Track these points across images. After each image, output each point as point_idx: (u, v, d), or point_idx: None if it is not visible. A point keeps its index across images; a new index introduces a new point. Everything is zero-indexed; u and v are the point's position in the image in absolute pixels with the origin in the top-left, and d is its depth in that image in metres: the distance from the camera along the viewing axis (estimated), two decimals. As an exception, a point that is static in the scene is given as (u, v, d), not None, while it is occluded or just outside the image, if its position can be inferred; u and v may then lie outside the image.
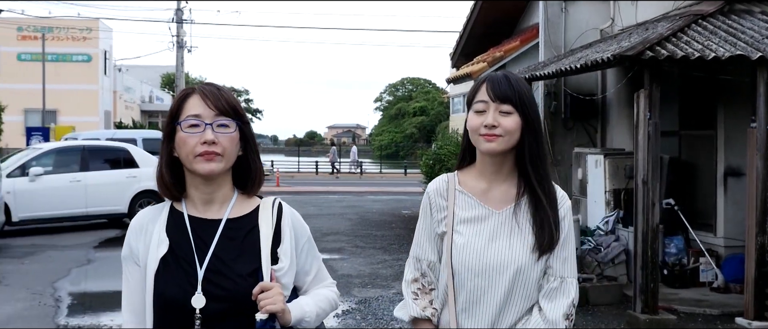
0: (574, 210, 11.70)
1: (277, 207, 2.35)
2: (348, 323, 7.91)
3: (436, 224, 2.60)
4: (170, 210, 2.32)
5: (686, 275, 9.56)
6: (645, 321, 7.63)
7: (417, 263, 2.66)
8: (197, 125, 2.21)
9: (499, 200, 2.53)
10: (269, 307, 2.14)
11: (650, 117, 7.77)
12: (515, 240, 2.48)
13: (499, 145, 2.44)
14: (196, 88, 2.30)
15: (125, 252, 2.33)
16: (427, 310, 2.58)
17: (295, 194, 26.64)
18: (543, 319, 2.47)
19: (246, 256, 2.25)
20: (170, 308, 2.19)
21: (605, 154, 10.65)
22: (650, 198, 7.78)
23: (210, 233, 2.26)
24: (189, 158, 2.22)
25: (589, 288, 8.92)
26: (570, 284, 2.52)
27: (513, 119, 2.43)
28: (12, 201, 14.43)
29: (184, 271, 2.21)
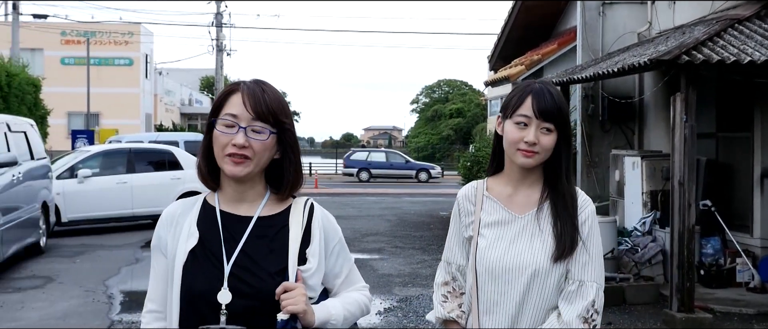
0: (612, 211, 11.85)
1: (309, 208, 2.34)
2: (390, 320, 8.15)
3: (464, 228, 2.68)
4: (203, 204, 2.34)
5: (723, 275, 9.67)
6: (681, 320, 7.78)
7: (447, 266, 2.74)
8: (232, 126, 2.22)
9: (523, 205, 2.59)
10: (290, 308, 2.14)
11: (686, 120, 7.93)
12: (535, 244, 2.53)
13: (535, 161, 2.52)
14: (241, 85, 2.28)
15: (154, 242, 2.36)
16: (453, 312, 2.67)
17: (334, 195, 26.96)
18: (559, 321, 2.51)
19: (274, 255, 2.25)
20: (196, 301, 2.20)
21: (642, 155, 10.79)
22: (686, 199, 7.93)
23: (240, 229, 2.26)
24: (219, 156, 2.24)
25: (626, 288, 9.08)
26: (589, 287, 2.53)
27: (553, 137, 2.50)
28: (62, 203, 14.87)
29: (212, 265, 2.22)
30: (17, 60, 24.82)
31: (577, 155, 12.89)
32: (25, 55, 28.50)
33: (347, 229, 16.40)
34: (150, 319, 2.33)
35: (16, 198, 11.24)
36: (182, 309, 2.21)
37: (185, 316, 2.21)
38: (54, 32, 41.59)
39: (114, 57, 45.64)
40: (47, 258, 12.27)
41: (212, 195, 2.33)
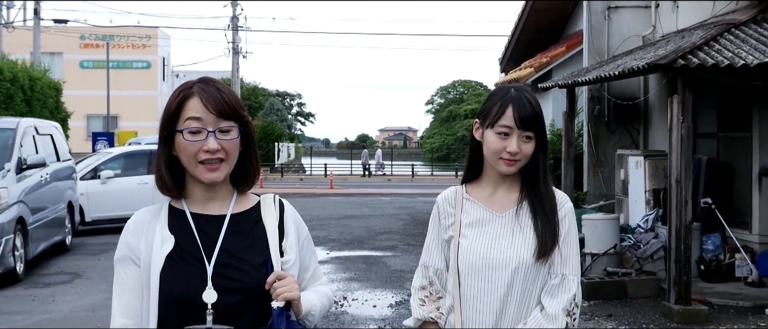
0: (617, 209, 12.23)
1: (279, 204, 2.37)
2: (401, 313, 8.57)
3: (443, 230, 2.72)
4: (170, 209, 2.30)
5: (722, 270, 10.03)
6: (678, 312, 8.16)
7: (425, 271, 2.75)
8: (199, 132, 2.18)
9: (502, 204, 2.65)
10: (286, 294, 2.15)
11: (683, 120, 8.31)
12: (517, 240, 2.59)
13: (516, 168, 2.61)
14: (195, 87, 2.22)
15: (121, 252, 2.28)
16: (432, 313, 2.70)
17: (349, 196, 27.40)
18: (543, 315, 2.56)
19: (255, 248, 2.25)
20: (180, 305, 2.16)
21: (645, 155, 11.17)
22: (683, 197, 8.31)
23: (215, 228, 2.25)
24: (191, 164, 2.21)
25: (627, 282, 9.47)
26: (571, 281, 2.59)
27: (531, 145, 2.59)
28: (85, 203, 15.39)
29: (193, 267, 2.19)
30: (39, 64, 25.38)
31: (583, 155, 13.29)
32: (45, 58, 29.12)
33: (361, 228, 16.86)
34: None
35: (44, 199, 11.75)
36: (161, 315, 2.18)
37: (166, 322, 2.18)
38: (73, 36, 42.27)
39: (132, 60, 46.38)
40: (73, 255, 12.78)
41: (177, 200, 2.30)
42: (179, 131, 2.18)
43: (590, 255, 10.11)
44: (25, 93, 21.63)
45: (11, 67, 21.28)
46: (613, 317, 8.38)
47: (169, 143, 2.22)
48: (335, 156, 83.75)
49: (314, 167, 48.63)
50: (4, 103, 20.06)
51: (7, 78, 20.27)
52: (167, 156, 2.24)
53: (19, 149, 11.06)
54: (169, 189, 2.26)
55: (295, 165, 54.43)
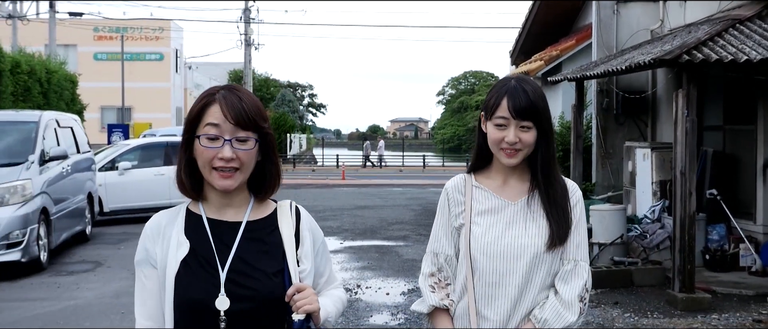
0: (625, 200, 12.46)
1: (295, 211, 2.38)
2: (413, 300, 8.84)
3: (453, 218, 2.74)
4: (187, 213, 2.33)
5: (727, 260, 10.27)
6: (682, 300, 8.41)
7: (434, 258, 2.77)
8: (216, 139, 2.21)
9: (514, 193, 2.69)
10: (307, 307, 2.18)
11: (688, 114, 8.55)
12: (531, 228, 2.62)
13: (519, 159, 2.62)
14: (217, 94, 2.25)
15: (140, 256, 2.32)
16: (444, 300, 2.71)
17: (361, 186, 27.68)
18: (559, 301, 2.59)
19: (269, 256, 2.27)
20: (193, 310, 2.19)
21: (652, 147, 11.40)
22: (687, 188, 8.56)
23: (230, 235, 2.27)
24: (206, 169, 2.24)
25: (633, 271, 9.73)
26: (583, 267, 2.64)
27: (531, 134, 2.59)
28: (104, 193, 15.74)
29: (207, 273, 2.21)
30: (55, 57, 25.72)
31: (592, 147, 13.51)
32: (59, 50, 29.49)
33: (374, 218, 17.14)
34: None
35: (65, 190, 12.08)
36: (177, 320, 2.22)
37: (181, 326, 2.22)
38: (87, 29, 42.62)
39: (145, 52, 46.72)
40: (93, 244, 13.12)
41: (195, 203, 2.34)
42: (197, 136, 2.23)
43: (597, 245, 10.37)
44: (42, 85, 21.97)
45: (28, 60, 21.64)
46: (619, 304, 8.64)
47: (189, 146, 2.26)
48: (346, 147, 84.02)
49: (326, 158, 48.95)
50: (22, 95, 20.41)
51: (24, 71, 20.63)
52: (187, 158, 2.27)
53: (41, 142, 11.39)
54: (188, 191, 2.30)
55: (307, 156, 54.77)
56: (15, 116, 12.51)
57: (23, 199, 10.36)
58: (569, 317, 2.57)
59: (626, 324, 7.80)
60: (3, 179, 10.37)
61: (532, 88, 2.61)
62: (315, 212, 18.43)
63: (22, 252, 10.12)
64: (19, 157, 10.99)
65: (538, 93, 2.62)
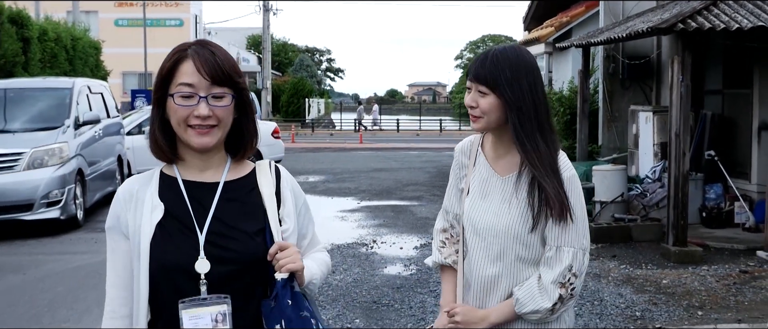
0: (630, 161, 13.04)
1: (275, 170, 2.30)
2: (426, 253, 9.50)
3: (459, 180, 2.82)
4: (161, 176, 2.23)
5: (722, 217, 10.85)
6: (675, 253, 9.02)
7: (446, 215, 2.87)
8: (190, 96, 2.11)
9: (505, 167, 2.69)
10: (290, 266, 2.11)
11: (682, 80, 9.09)
12: (510, 207, 2.63)
13: (480, 125, 2.64)
14: (189, 50, 2.15)
15: (110, 222, 2.22)
16: (449, 258, 2.81)
17: (378, 150, 28.33)
18: (538, 284, 2.61)
19: (249, 216, 2.19)
20: (171, 276, 2.11)
21: (654, 111, 11.95)
22: (681, 149, 9.13)
23: (208, 196, 2.18)
24: (181, 128, 2.14)
25: (632, 227, 10.34)
26: (565, 252, 2.59)
27: (488, 100, 2.58)
28: (131, 156, 16.45)
29: (184, 236, 2.13)
30: (79, 24, 26.38)
31: (598, 110, 14.06)
32: (80, 17, 30.15)
33: (390, 180, 17.82)
34: (117, 305, 2.23)
35: (97, 153, 12.80)
36: (153, 286, 2.13)
37: (158, 293, 2.13)
38: (109, -5, 43.27)
39: (165, 18, 47.36)
40: (124, 205, 13.83)
41: (169, 166, 2.24)
42: (170, 95, 2.12)
43: (599, 203, 10.98)
44: (68, 52, 22.66)
45: (55, 27, 22.32)
46: (616, 258, 9.27)
47: (162, 105, 2.16)
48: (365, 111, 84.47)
49: (344, 122, 49.59)
50: (49, 62, 21.13)
51: (51, 38, 21.32)
52: (160, 119, 2.17)
53: (75, 107, 12.08)
54: (163, 152, 2.20)
55: (325, 121, 55.45)
56: (50, 83, 13.22)
57: (61, 161, 11.08)
58: (543, 302, 2.58)
59: (621, 274, 8.43)
60: (42, 142, 11.09)
61: (501, 56, 2.59)
62: (333, 174, 19.21)
63: (61, 210, 10.87)
64: (54, 122, 11.70)
65: (507, 61, 2.58)
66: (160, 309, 2.14)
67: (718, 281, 8.11)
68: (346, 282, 8.03)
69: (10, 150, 10.83)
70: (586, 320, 6.71)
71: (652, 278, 8.26)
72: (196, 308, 2.07)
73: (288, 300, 2.10)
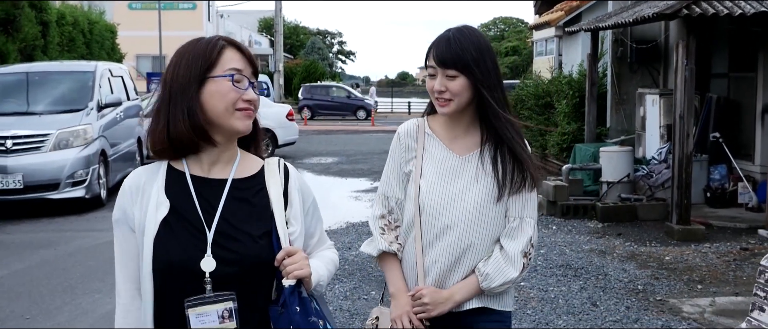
0: (637, 143, 13.34)
1: (284, 169, 2.26)
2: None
3: (403, 163, 2.76)
4: (168, 169, 2.18)
5: (726, 197, 11.16)
6: (678, 231, 9.35)
7: (385, 200, 2.80)
8: (240, 80, 2.12)
9: (465, 147, 2.70)
10: (297, 273, 2.09)
11: (687, 63, 9.38)
12: (478, 183, 2.65)
13: (450, 109, 2.62)
14: (228, 40, 2.20)
15: (117, 215, 2.19)
16: (393, 245, 2.75)
17: (390, 132, 28.57)
18: (503, 256, 2.64)
19: (256, 218, 2.15)
20: (175, 274, 2.08)
21: (660, 93, 12.24)
22: (685, 130, 9.44)
23: (215, 194, 2.14)
24: (227, 111, 2.11)
25: (638, 207, 10.67)
26: (527, 223, 2.67)
27: (459, 82, 2.57)
28: (150, 138, 16.88)
29: (190, 234, 2.09)
30: (95, 8, 26.75)
31: (607, 94, 14.34)
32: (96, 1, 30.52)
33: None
34: (127, 297, 2.21)
35: (119, 134, 13.18)
36: (157, 284, 2.10)
37: (162, 292, 2.10)
38: (122, -22, 43.60)
39: (178, 1, 47.68)
40: (144, 185, 14.23)
41: (178, 160, 2.19)
42: (221, 76, 2.11)
43: (606, 183, 11.30)
44: (85, 36, 23.06)
45: (72, 11, 22.70)
46: (621, 235, 9.60)
47: (195, 94, 2.10)
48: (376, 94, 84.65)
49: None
50: (67, 45, 21.54)
51: (69, 22, 21.71)
52: (193, 108, 2.10)
53: (98, 90, 12.46)
54: (181, 147, 2.14)
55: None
56: (73, 66, 13.62)
57: (85, 142, 11.47)
58: (511, 273, 2.64)
59: (625, 251, 8.77)
60: (67, 124, 11.47)
61: (463, 37, 2.61)
62: (347, 156, 19.56)
63: (85, 189, 11.28)
64: (78, 104, 12.08)
65: (469, 41, 2.60)
66: (164, 307, 2.11)
67: (718, 257, 8.43)
68: (361, 257, 8.38)
69: (37, 131, 11.22)
70: (591, 293, 7.05)
71: (656, 254, 8.59)
72: (202, 306, 2.05)
73: (296, 306, 2.08)
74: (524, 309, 6.54)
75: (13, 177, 10.81)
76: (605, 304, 6.69)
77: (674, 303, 6.74)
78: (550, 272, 7.80)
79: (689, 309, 6.55)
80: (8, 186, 10.82)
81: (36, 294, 7.16)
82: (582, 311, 6.50)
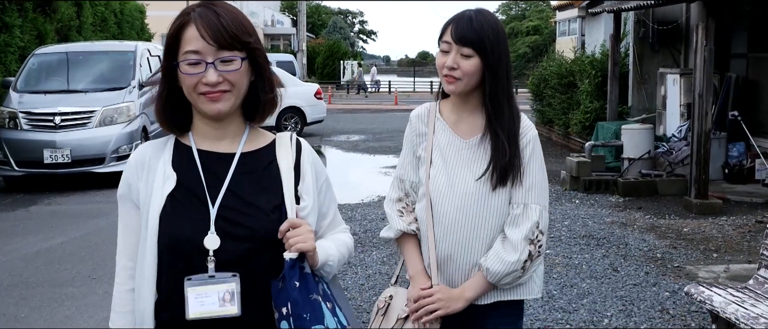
0: (658, 121, 13.75)
1: (296, 143, 2.18)
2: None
3: (415, 147, 2.75)
4: (175, 144, 2.12)
5: (744, 174, 11.57)
6: (696, 204, 9.79)
7: (400, 183, 2.79)
8: (197, 63, 1.98)
9: (467, 130, 2.68)
10: (300, 246, 1.98)
11: (706, 44, 9.78)
12: (478, 168, 2.62)
13: (457, 88, 2.59)
14: (192, 14, 2.00)
15: (122, 190, 2.12)
16: (412, 225, 2.72)
17: (413, 111, 29.05)
18: (504, 245, 2.60)
19: (266, 191, 2.06)
20: (179, 250, 2.00)
21: (681, 73, 12.63)
22: (704, 108, 9.85)
23: (223, 167, 2.06)
24: (192, 96, 2.02)
25: (658, 182, 11.12)
26: (532, 209, 2.61)
27: (472, 62, 2.54)
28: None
29: (195, 209, 2.01)
30: (125, -12, 27.27)
31: (629, 73, 14.74)
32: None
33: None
34: (125, 277, 2.13)
35: (157, 111, 13.73)
36: (161, 260, 2.02)
37: (166, 268, 2.02)
38: (147, -42, 44.06)
39: (203, -20, 48.17)
40: (180, 160, 14.82)
41: (185, 134, 2.13)
42: (176, 64, 2.01)
43: (627, 160, 11.74)
44: (116, 16, 23.60)
45: (104, -10, 23.24)
46: (642, 209, 10.05)
47: (172, 75, 2.04)
48: (396, 73, 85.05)
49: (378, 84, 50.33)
50: (100, 25, 22.09)
51: (101, 2, 22.26)
52: (169, 88, 2.05)
53: (139, 69, 13.01)
54: (169, 124, 2.11)
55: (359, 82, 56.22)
56: (114, 46, 14.18)
57: (128, 119, 12.05)
58: (510, 258, 2.58)
59: (646, 223, 9.22)
60: (111, 101, 12.05)
61: (483, 19, 2.58)
62: (373, 133, 20.08)
63: (129, 163, 11.83)
64: (120, 82, 12.65)
65: (488, 24, 2.58)
66: (166, 284, 2.03)
67: (734, 229, 8.87)
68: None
69: (84, 108, 11.80)
70: (612, 260, 7.53)
71: (674, 226, 9.05)
72: (202, 286, 1.96)
73: (295, 281, 1.97)
74: (550, 273, 7.03)
75: (61, 151, 11.42)
76: (625, 270, 7.17)
77: (690, 269, 7.20)
78: (574, 241, 8.28)
79: (704, 275, 7.02)
80: (57, 160, 11.44)
81: (98, 257, 7.73)
82: (604, 275, 6.99)
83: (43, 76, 12.75)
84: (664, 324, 5.75)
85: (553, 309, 6.08)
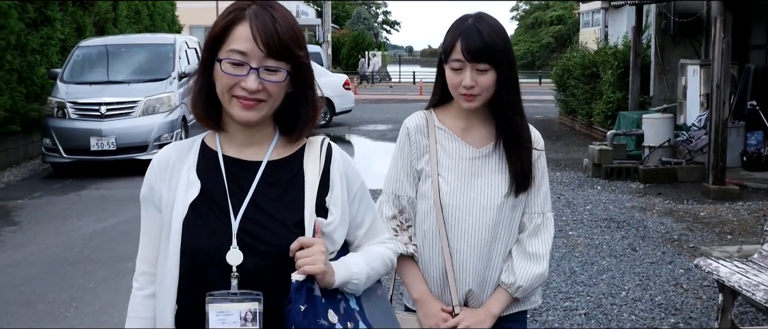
0: (678, 111, 14.15)
1: (326, 149, 2.03)
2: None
3: (415, 160, 2.59)
4: (201, 148, 2.01)
5: (761, 161, 11.97)
6: (714, 190, 10.23)
7: (396, 200, 2.61)
8: (241, 65, 1.85)
9: (479, 139, 2.57)
10: (307, 268, 1.84)
11: (724, 36, 10.20)
12: (495, 179, 2.54)
13: (477, 103, 2.49)
14: (248, 10, 1.87)
15: (144, 192, 2.03)
16: (409, 247, 2.58)
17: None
18: (530, 257, 2.56)
19: (290, 204, 1.94)
20: (201, 262, 1.89)
21: (701, 64, 13.03)
22: (722, 99, 10.28)
23: (248, 177, 1.94)
24: (225, 97, 1.89)
25: (678, 170, 11.55)
26: (550, 218, 2.62)
27: (489, 76, 2.44)
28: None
29: (218, 220, 1.91)
30: (156, -19, 27.92)
31: (650, 64, 15.14)
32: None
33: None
34: (144, 282, 2.05)
35: (195, 101, 14.32)
36: (183, 271, 1.93)
37: (186, 279, 1.92)
38: (174, -49, 44.82)
39: (230, -29, 48.84)
40: (216, 149, 15.41)
41: (212, 136, 2.01)
42: (219, 60, 1.87)
43: (648, 148, 12.18)
44: (148, 8, 24.24)
45: (137, -15, 23.88)
46: (661, 195, 10.50)
47: (209, 68, 1.92)
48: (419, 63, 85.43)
49: (402, 75, 50.83)
50: (133, 18, 22.73)
51: (133, -6, 22.89)
52: (206, 83, 1.93)
53: (178, 61, 13.60)
54: (205, 120, 1.97)
55: (383, 73, 56.72)
56: (154, 39, 14.80)
57: (169, 109, 12.64)
58: (537, 270, 2.57)
59: (664, 208, 9.68)
60: (152, 92, 12.65)
61: (488, 28, 2.47)
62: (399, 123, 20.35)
63: (170, 151, 12.43)
64: (161, 74, 13.25)
65: (496, 32, 2.47)
66: (183, 295, 1.93)
67: (750, 214, 9.31)
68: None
69: (128, 98, 12.41)
70: (631, 240, 8.01)
71: (692, 211, 9.50)
72: (224, 303, 1.85)
73: (300, 305, 1.83)
74: (572, 252, 7.52)
75: (107, 139, 12.04)
76: (644, 250, 7.65)
77: (705, 249, 7.64)
78: (595, 224, 8.75)
79: (718, 254, 7.46)
80: (103, 148, 12.06)
81: (150, 237, 8.28)
82: (623, 254, 7.47)
83: (87, 68, 13.37)
84: (677, 297, 6.23)
85: (575, 282, 6.58)
